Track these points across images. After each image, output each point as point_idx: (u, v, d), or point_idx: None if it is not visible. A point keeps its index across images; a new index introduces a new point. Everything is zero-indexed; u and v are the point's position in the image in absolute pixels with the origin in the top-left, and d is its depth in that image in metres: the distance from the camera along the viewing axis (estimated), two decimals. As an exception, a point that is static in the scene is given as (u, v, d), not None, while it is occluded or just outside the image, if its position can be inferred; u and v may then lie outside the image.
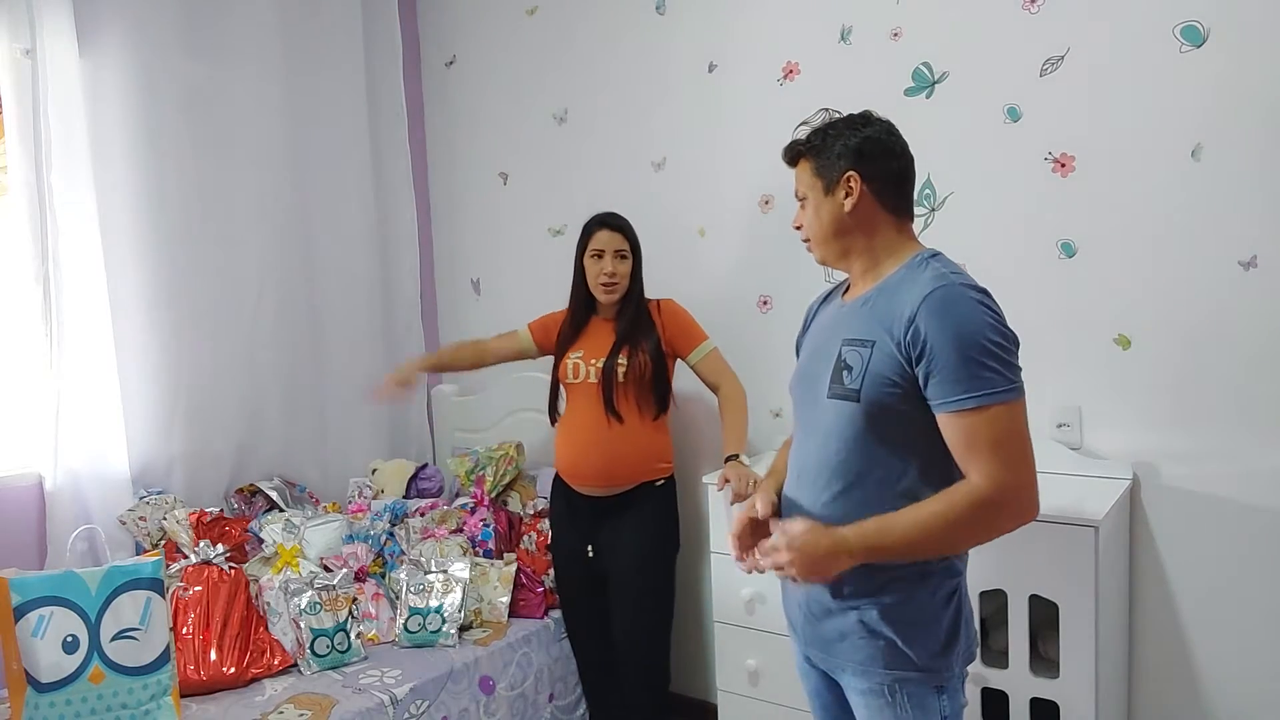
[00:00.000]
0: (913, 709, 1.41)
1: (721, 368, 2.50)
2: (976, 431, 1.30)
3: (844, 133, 1.48)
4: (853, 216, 1.48)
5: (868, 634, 1.42)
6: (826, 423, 1.44)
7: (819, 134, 1.52)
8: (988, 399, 1.29)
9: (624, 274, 2.48)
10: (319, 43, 3.10)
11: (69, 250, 2.48)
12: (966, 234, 2.35)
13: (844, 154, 1.47)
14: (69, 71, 2.47)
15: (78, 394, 2.50)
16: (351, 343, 3.21)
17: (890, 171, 1.48)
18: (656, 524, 2.51)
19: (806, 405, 1.51)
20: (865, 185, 1.46)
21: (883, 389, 1.37)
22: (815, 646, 1.52)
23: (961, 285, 1.36)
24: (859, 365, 1.39)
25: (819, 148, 1.50)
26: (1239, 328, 2.05)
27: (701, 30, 2.78)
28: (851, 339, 1.43)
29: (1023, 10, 2.25)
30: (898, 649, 1.40)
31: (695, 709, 2.90)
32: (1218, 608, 2.12)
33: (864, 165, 1.46)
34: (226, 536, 2.56)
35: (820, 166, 1.50)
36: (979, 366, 1.30)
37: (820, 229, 1.51)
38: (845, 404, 1.40)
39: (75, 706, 1.98)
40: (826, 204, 1.49)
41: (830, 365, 1.44)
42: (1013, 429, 1.31)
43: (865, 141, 1.47)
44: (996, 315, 1.35)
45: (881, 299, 1.42)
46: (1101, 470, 2.18)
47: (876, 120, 1.51)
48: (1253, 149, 2.00)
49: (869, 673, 1.43)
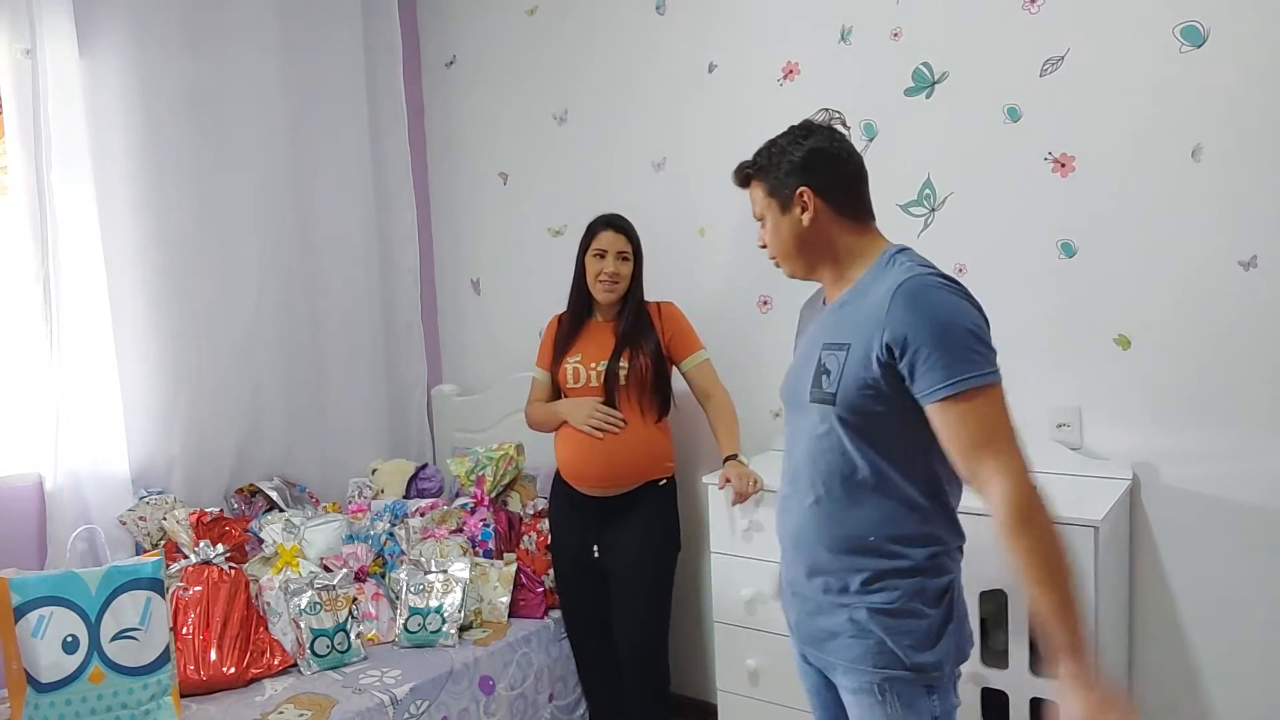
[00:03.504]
0: (903, 708, 1.41)
1: (712, 377, 2.52)
2: (966, 418, 1.29)
3: (787, 149, 1.49)
4: (812, 230, 1.48)
5: (858, 632, 1.43)
6: (809, 426, 1.46)
7: (764, 154, 1.53)
8: (977, 381, 1.29)
9: (625, 275, 2.48)
10: (319, 43, 3.10)
11: (69, 250, 2.48)
12: (966, 234, 2.36)
13: (792, 171, 1.48)
14: (69, 71, 2.47)
15: (78, 394, 2.50)
16: (351, 343, 3.21)
17: (841, 179, 1.49)
18: (659, 523, 2.51)
19: (793, 410, 1.53)
20: (819, 198, 1.47)
21: (857, 391, 1.37)
22: (810, 644, 1.53)
23: (927, 274, 1.36)
24: (836, 369, 1.40)
25: (766, 167, 1.52)
26: (1239, 328, 2.05)
27: (701, 30, 2.78)
28: (830, 343, 1.44)
29: (1023, 10, 2.25)
30: (887, 648, 1.40)
31: (695, 709, 2.90)
32: (1218, 607, 2.12)
33: (814, 178, 1.47)
34: (226, 536, 2.56)
35: (772, 186, 1.51)
36: (964, 350, 1.29)
37: (783, 246, 1.52)
38: (825, 407, 1.41)
39: (75, 706, 1.98)
40: (785, 222, 1.50)
41: (812, 370, 1.45)
42: (1001, 413, 1.31)
43: (811, 154, 1.47)
44: (968, 298, 1.35)
45: (855, 302, 1.43)
46: (1101, 470, 2.18)
47: (818, 129, 1.51)
48: (1253, 149, 2.00)
49: (859, 671, 1.43)
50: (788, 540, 1.54)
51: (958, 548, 1.47)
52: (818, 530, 1.46)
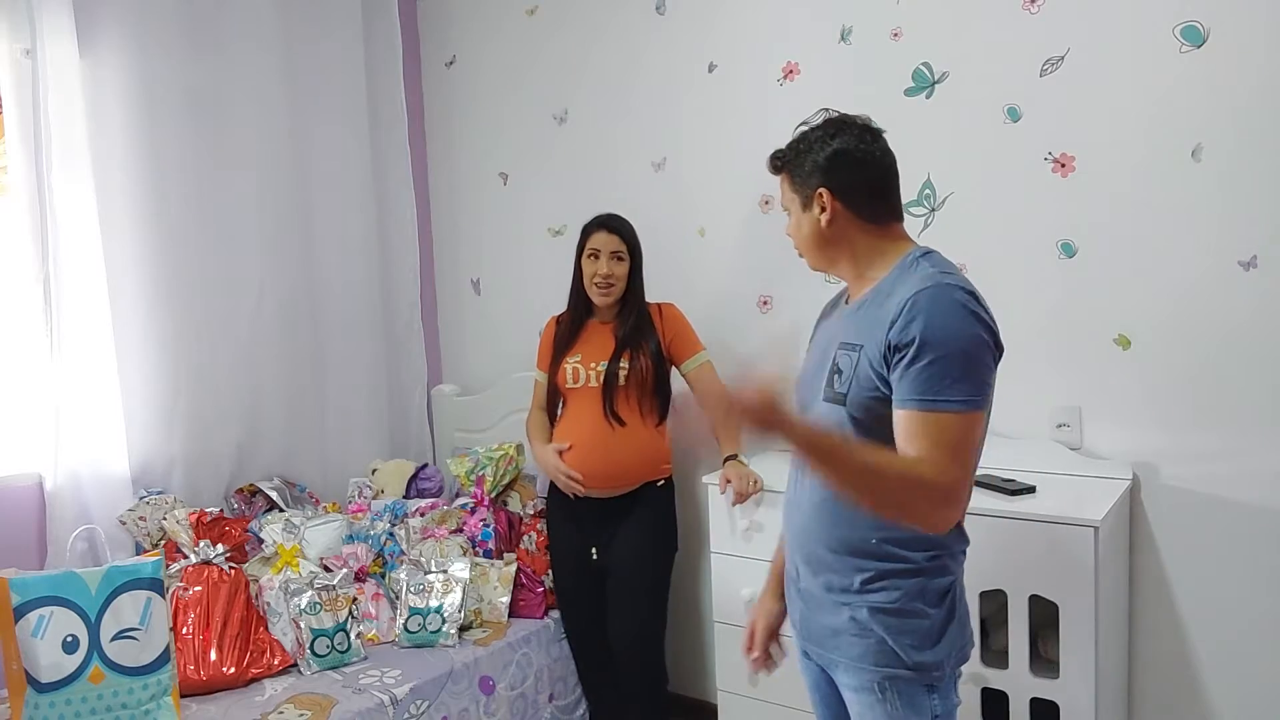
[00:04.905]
0: (903, 707, 1.41)
1: (715, 380, 2.51)
2: (921, 429, 1.30)
3: (814, 147, 1.48)
4: (830, 230, 1.48)
5: (859, 631, 1.43)
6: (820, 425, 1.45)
7: (793, 147, 1.52)
8: (944, 406, 1.28)
9: (620, 276, 2.48)
10: (319, 43, 3.10)
11: (69, 250, 2.48)
12: (966, 234, 2.35)
13: (814, 171, 1.47)
14: (69, 71, 2.47)
15: (78, 394, 2.50)
16: (351, 343, 3.21)
17: (863, 183, 1.47)
18: (657, 524, 2.51)
19: (806, 408, 1.52)
20: (837, 201, 1.46)
21: (867, 392, 1.37)
22: (811, 641, 1.53)
23: (950, 285, 1.33)
24: (848, 369, 1.40)
25: (794, 162, 1.51)
26: (1239, 328, 2.05)
27: (701, 30, 2.78)
28: (845, 343, 1.44)
29: (1023, 10, 2.25)
30: (888, 647, 1.40)
31: (695, 709, 2.90)
32: (1218, 607, 2.12)
33: (834, 180, 1.46)
34: (226, 536, 2.56)
35: (796, 182, 1.51)
36: (949, 372, 1.29)
37: (804, 241, 1.53)
38: (836, 407, 1.42)
39: (75, 706, 1.98)
40: (805, 219, 1.51)
41: (826, 369, 1.46)
42: (962, 437, 1.30)
43: (835, 156, 1.46)
44: (982, 320, 1.33)
45: (874, 303, 1.42)
46: (1101, 470, 2.18)
47: (849, 127, 1.49)
48: (1253, 149, 2.00)
49: (860, 670, 1.43)
50: (793, 538, 1.55)
51: (961, 551, 1.47)
52: (822, 530, 1.46)
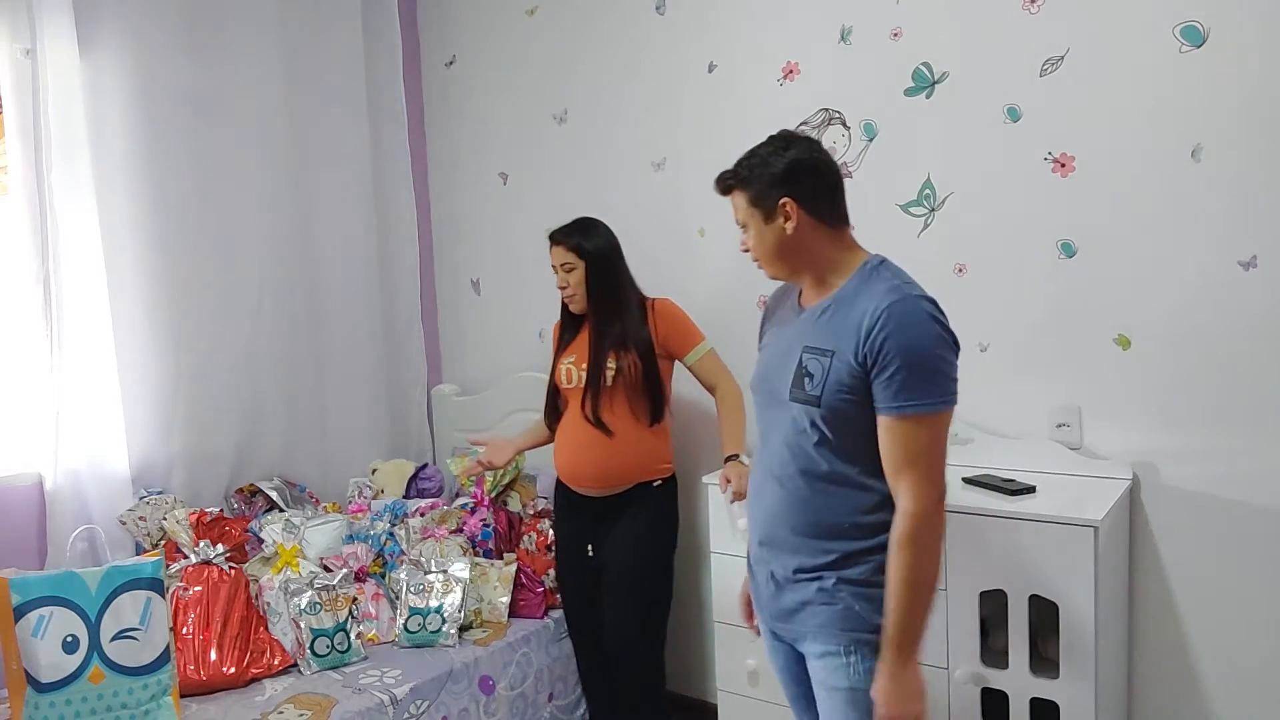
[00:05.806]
0: (864, 669, 1.51)
1: (719, 368, 2.49)
2: (908, 436, 1.44)
3: (769, 160, 1.55)
4: (795, 238, 1.55)
5: (827, 599, 1.53)
6: (787, 420, 1.55)
7: (746, 164, 1.58)
8: (926, 409, 1.42)
9: (575, 283, 2.45)
10: (319, 43, 3.10)
11: (69, 250, 2.48)
12: (966, 234, 2.36)
13: (775, 182, 1.53)
14: (69, 71, 2.47)
15: (78, 394, 2.50)
16: (351, 343, 3.21)
17: (822, 189, 1.55)
18: (652, 524, 2.50)
19: (769, 406, 1.62)
20: (801, 208, 1.53)
21: (839, 395, 1.47)
22: (779, 618, 1.62)
23: (916, 297, 1.46)
24: (820, 373, 1.49)
25: (748, 178, 1.57)
26: (1239, 328, 2.05)
27: (701, 30, 2.78)
28: (812, 347, 1.52)
29: (1023, 10, 2.25)
30: (854, 612, 1.51)
31: (695, 709, 2.90)
32: (1218, 608, 2.12)
33: (797, 189, 1.53)
34: (226, 536, 2.56)
35: (755, 196, 1.56)
36: (925, 378, 1.42)
37: (766, 253, 1.59)
38: (807, 407, 1.51)
39: (75, 706, 1.98)
40: (768, 230, 1.57)
41: (792, 371, 1.54)
42: (936, 437, 1.45)
43: (793, 165, 1.53)
44: (945, 327, 1.46)
45: (839, 310, 1.51)
46: (1101, 470, 2.18)
47: (798, 139, 1.57)
48: (1253, 149, 2.00)
49: (827, 634, 1.53)
50: (760, 523, 1.63)
51: None
52: (791, 516, 1.56)
